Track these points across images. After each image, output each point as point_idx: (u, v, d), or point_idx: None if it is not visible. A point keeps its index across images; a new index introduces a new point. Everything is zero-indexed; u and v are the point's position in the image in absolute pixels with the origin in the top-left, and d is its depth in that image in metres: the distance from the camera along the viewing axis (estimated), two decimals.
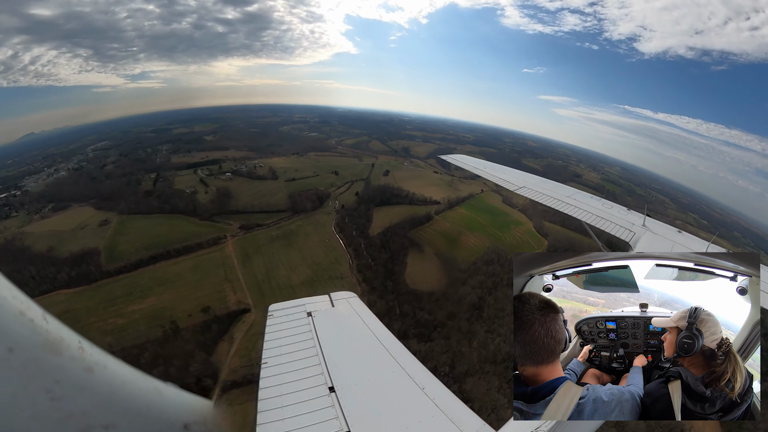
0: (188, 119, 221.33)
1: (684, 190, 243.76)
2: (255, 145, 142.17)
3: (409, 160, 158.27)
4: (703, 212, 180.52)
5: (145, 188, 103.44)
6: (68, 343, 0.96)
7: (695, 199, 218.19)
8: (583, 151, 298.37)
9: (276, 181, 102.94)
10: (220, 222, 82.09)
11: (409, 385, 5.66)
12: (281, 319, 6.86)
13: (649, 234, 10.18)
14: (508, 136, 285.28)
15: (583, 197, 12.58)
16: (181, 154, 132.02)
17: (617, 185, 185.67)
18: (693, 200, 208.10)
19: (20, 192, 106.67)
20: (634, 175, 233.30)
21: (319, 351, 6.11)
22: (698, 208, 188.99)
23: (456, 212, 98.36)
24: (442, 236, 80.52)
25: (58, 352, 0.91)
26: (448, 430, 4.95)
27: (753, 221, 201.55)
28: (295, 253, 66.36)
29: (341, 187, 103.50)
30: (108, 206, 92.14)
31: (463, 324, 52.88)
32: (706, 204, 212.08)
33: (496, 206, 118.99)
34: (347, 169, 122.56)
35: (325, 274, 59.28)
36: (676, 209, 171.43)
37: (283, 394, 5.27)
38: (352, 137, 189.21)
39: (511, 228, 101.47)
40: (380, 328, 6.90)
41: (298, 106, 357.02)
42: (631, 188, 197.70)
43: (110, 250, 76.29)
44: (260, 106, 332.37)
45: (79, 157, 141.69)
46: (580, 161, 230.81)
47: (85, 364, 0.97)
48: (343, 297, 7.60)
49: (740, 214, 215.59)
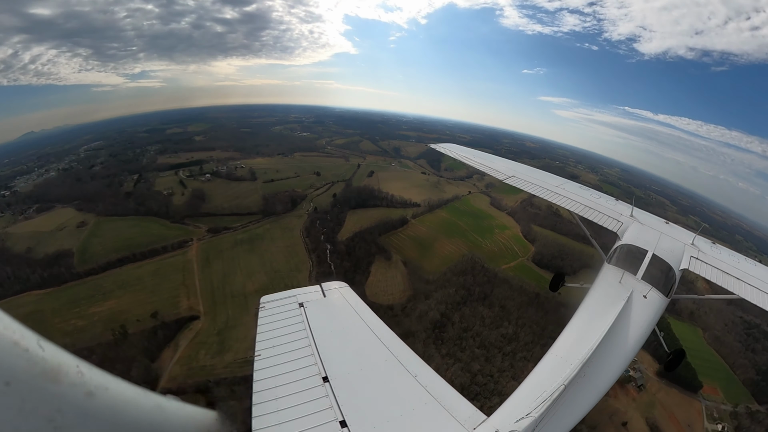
0: (185, 119, 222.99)
1: (684, 192, 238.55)
2: (242, 145, 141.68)
3: (398, 160, 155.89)
4: (705, 215, 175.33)
5: (127, 190, 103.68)
6: (67, 369, 0.95)
7: (696, 201, 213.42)
8: (582, 152, 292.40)
9: (254, 182, 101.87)
10: (190, 225, 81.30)
11: (402, 373, 5.73)
12: (273, 311, 6.74)
13: (637, 224, 10.00)
14: (507, 137, 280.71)
15: (571, 187, 12.37)
16: (168, 155, 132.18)
17: (616, 187, 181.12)
18: (694, 202, 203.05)
19: (9, 192, 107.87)
20: (634, 177, 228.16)
21: (311, 341, 6.10)
22: (699, 210, 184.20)
23: (436, 216, 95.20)
24: (414, 242, 77.46)
25: (57, 380, 0.90)
26: (441, 416, 5.05)
27: (754, 224, 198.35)
28: (256, 258, 64.91)
29: (320, 189, 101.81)
30: (89, 208, 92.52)
31: (418, 346, 48.94)
32: (707, 206, 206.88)
33: (482, 209, 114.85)
34: (331, 170, 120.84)
35: (281, 282, 57.53)
36: (676, 211, 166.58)
37: (278, 385, 5.24)
38: (343, 137, 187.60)
39: (494, 233, 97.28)
40: (372, 318, 6.89)
41: (297, 106, 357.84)
42: (630, 190, 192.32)
43: (83, 252, 76.27)
44: (258, 106, 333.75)
45: (70, 158, 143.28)
46: (579, 162, 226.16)
47: (86, 388, 0.96)
48: (334, 287, 7.55)
49: (741, 217, 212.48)
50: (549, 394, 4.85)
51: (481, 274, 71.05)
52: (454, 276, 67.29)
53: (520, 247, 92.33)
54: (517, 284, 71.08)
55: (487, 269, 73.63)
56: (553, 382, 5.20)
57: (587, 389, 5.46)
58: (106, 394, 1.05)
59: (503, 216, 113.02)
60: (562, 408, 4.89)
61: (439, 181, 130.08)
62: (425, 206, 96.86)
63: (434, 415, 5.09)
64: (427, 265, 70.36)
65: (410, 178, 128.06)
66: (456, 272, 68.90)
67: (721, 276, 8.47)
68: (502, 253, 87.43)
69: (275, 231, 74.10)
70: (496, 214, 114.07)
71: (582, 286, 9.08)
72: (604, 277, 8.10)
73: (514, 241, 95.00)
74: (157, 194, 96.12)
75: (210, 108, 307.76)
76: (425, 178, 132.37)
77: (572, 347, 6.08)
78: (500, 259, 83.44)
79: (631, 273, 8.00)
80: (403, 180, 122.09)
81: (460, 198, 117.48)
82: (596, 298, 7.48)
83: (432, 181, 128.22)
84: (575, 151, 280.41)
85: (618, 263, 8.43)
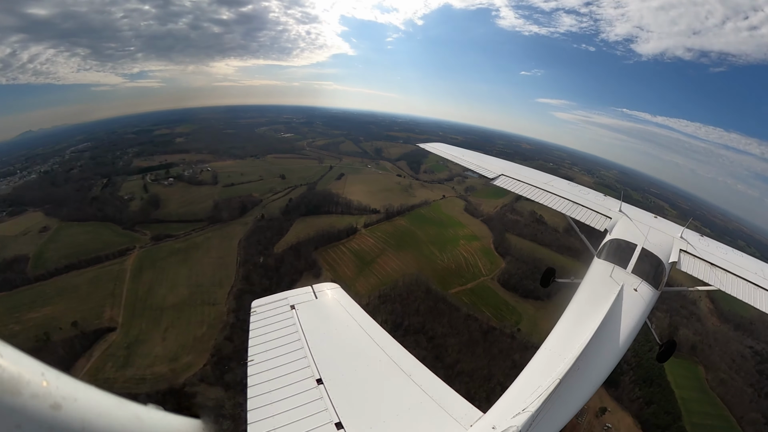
0: (177, 119, 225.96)
1: (683, 194, 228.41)
2: (218, 147, 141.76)
3: (377, 162, 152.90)
4: (705, 219, 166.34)
5: (94, 194, 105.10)
6: (28, 379, 0.87)
7: (695, 203, 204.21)
8: (580, 154, 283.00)
9: (214, 186, 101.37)
10: (139, 231, 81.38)
11: (397, 373, 5.79)
12: (264, 314, 6.74)
13: (625, 219, 10.16)
14: (503, 139, 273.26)
15: (560, 183, 12.41)
16: (143, 158, 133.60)
17: (613, 189, 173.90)
18: (693, 205, 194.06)
19: None
20: (632, 179, 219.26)
21: (305, 344, 6.12)
22: (699, 213, 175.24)
23: (393, 224, 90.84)
24: (354, 257, 71.72)
25: (16, 392, 0.83)
26: (437, 415, 5.14)
27: (754, 226, 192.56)
28: (186, 270, 64.01)
29: (279, 193, 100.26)
30: (55, 212, 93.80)
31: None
32: (706, 209, 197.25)
33: (452, 216, 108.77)
34: (299, 173, 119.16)
35: (198, 298, 56.36)
36: (676, 215, 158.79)
37: (272, 390, 5.27)
38: (327, 138, 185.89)
39: (458, 245, 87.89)
40: (365, 318, 6.91)
41: (291, 107, 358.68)
42: (627, 193, 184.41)
43: (38, 258, 77.33)
44: (254, 106, 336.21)
45: (55, 159, 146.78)
46: (575, 164, 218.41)
47: (51, 400, 0.87)
48: (326, 288, 7.59)
49: (741, 219, 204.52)
50: (544, 388, 4.90)
51: (423, 299, 61.82)
52: (381, 303, 58.59)
53: (487, 262, 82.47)
54: (466, 313, 60.85)
55: (432, 293, 64.26)
56: (548, 377, 5.21)
57: (582, 383, 5.56)
58: (75, 405, 0.94)
59: (476, 224, 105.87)
60: (558, 402, 5.00)
61: (412, 185, 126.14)
62: (384, 213, 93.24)
63: (430, 414, 5.17)
64: (359, 286, 63.73)
65: (381, 181, 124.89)
66: (389, 297, 60.35)
67: (709, 269, 8.68)
68: (461, 271, 76.91)
69: (214, 240, 73.06)
70: (468, 221, 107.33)
71: (573, 281, 9.15)
72: (595, 272, 8.21)
73: (480, 255, 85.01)
74: (117, 199, 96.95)
75: (204, 109, 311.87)
76: (398, 181, 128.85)
77: (565, 341, 6.14)
78: (456, 278, 73.61)
79: (621, 267, 8.09)
80: (372, 183, 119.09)
81: (430, 203, 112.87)
82: (587, 292, 7.59)
83: (404, 185, 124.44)
84: (573, 154, 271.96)
85: (608, 258, 8.49)
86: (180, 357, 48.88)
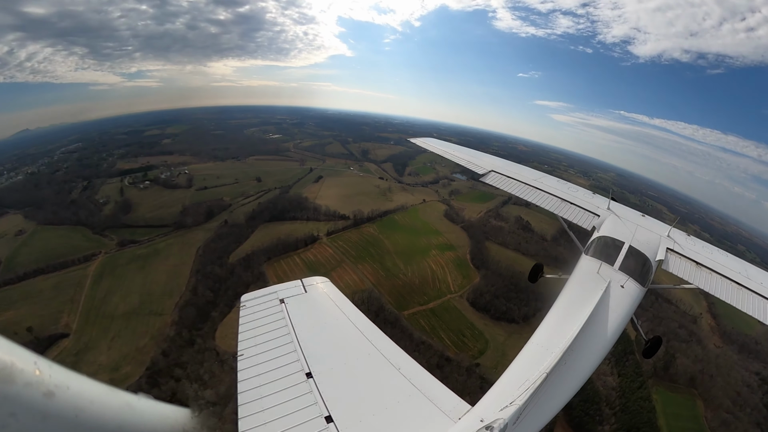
0: (169, 120, 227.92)
1: (681, 197, 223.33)
2: (201, 149, 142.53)
3: (361, 163, 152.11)
4: (704, 223, 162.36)
5: (73, 197, 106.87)
6: (21, 368, 0.89)
7: (693, 207, 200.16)
8: (578, 156, 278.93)
9: (188, 189, 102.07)
10: (107, 236, 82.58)
11: (386, 366, 5.82)
12: (253, 308, 6.76)
13: (614, 217, 10.29)
14: (499, 140, 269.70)
15: (549, 180, 12.52)
16: (127, 159, 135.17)
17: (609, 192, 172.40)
18: (691, 208, 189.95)
19: None
20: (629, 182, 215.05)
21: (294, 338, 6.15)
22: (698, 217, 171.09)
23: (360, 232, 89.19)
24: (308, 269, 67.70)
25: (9, 380, 0.83)
26: (426, 408, 5.20)
27: (752, 230, 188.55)
28: (141, 278, 64.90)
29: (250, 197, 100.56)
30: (33, 215, 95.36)
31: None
32: (704, 212, 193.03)
33: (428, 222, 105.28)
34: (276, 176, 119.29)
35: (147, 307, 57.13)
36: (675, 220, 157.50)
37: (262, 384, 5.29)
38: (315, 139, 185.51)
39: (430, 255, 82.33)
40: (354, 312, 6.96)
41: (286, 108, 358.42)
42: (624, 196, 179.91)
43: (10, 262, 79.01)
44: (250, 107, 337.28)
45: (44, 160, 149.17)
46: (571, 166, 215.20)
47: (44, 388, 0.90)
48: (315, 282, 7.60)
49: (739, 223, 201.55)
50: (531, 382, 4.98)
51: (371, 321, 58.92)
52: None
53: (458, 276, 75.08)
54: (419, 340, 54.31)
55: (384, 313, 57.39)
56: (535, 371, 5.28)
57: (569, 377, 5.67)
58: (68, 393, 0.96)
59: (454, 231, 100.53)
60: (545, 395, 5.10)
61: (391, 188, 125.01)
62: (352, 220, 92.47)
63: (419, 407, 5.23)
64: None
65: (359, 184, 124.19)
66: None
67: (695, 267, 8.77)
68: (425, 287, 69.21)
69: (175, 246, 73.81)
70: (446, 228, 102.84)
71: (560, 276, 9.33)
72: (582, 268, 8.32)
73: (452, 268, 78.01)
74: (93, 203, 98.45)
75: (199, 109, 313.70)
76: (377, 184, 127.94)
77: (552, 336, 6.22)
78: (417, 296, 66.70)
79: (608, 264, 8.20)
80: (349, 187, 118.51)
81: (407, 209, 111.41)
82: (575, 288, 7.70)
83: (383, 188, 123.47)
84: (571, 156, 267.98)
85: (595, 254, 8.63)
86: (120, 367, 49.72)
